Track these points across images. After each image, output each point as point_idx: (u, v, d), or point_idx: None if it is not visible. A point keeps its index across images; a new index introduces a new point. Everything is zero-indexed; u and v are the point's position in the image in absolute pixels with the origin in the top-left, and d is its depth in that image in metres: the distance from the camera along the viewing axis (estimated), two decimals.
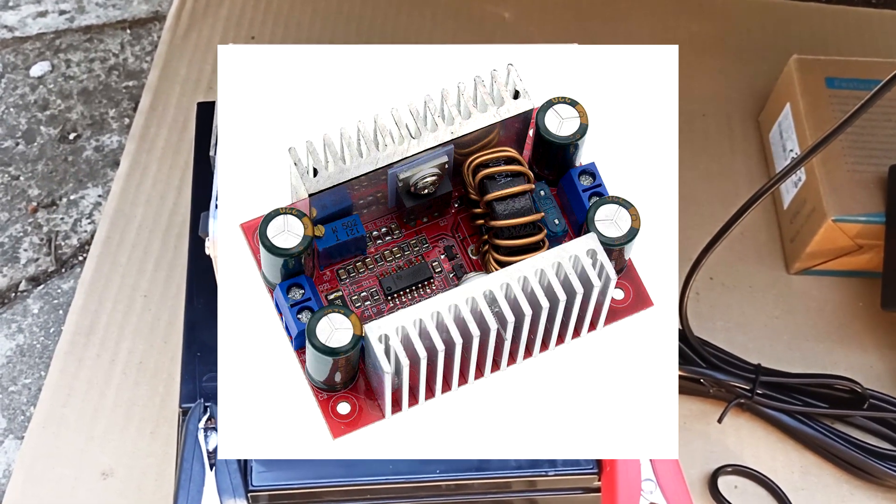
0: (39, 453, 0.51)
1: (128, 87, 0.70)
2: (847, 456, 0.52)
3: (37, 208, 0.63)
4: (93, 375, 0.54)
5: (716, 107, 0.69)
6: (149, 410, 0.53)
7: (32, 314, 0.59)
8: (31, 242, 0.62)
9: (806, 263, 0.60)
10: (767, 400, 0.53)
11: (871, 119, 0.59)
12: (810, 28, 0.74)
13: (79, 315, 0.56)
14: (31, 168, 0.65)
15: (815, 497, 0.52)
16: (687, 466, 0.52)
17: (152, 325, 0.56)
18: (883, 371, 0.57)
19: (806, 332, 0.58)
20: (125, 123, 0.68)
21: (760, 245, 0.62)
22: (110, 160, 0.66)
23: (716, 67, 0.72)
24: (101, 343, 0.55)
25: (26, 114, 0.68)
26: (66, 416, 0.52)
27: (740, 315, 0.59)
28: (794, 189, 0.61)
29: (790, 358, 0.57)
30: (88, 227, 0.63)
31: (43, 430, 0.52)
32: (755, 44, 0.73)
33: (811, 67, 0.62)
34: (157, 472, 0.51)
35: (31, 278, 0.60)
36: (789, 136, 0.62)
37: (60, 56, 0.71)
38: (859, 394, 0.52)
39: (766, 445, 0.54)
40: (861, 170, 0.57)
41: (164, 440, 0.51)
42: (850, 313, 0.59)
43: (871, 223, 0.55)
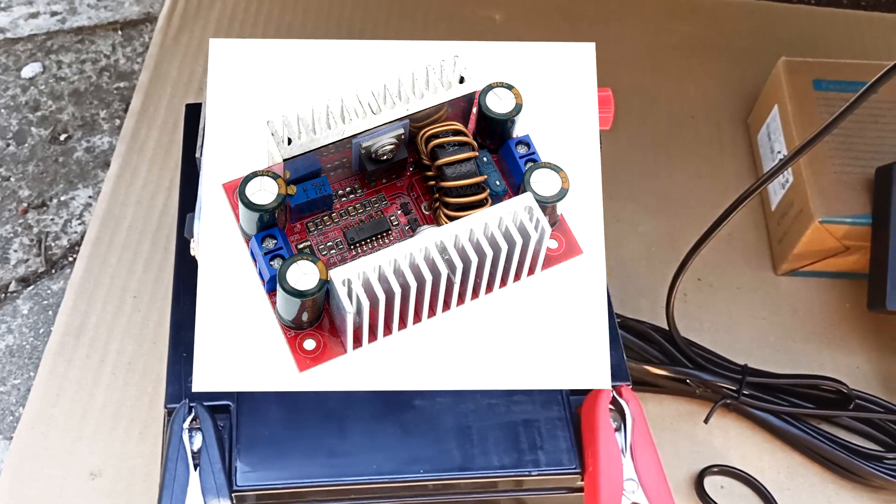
0: (28, 454, 0.51)
1: (119, 88, 0.70)
2: (833, 456, 0.52)
3: (27, 209, 0.63)
4: (82, 376, 0.54)
5: (705, 109, 0.70)
6: (137, 411, 0.53)
7: (22, 315, 0.59)
8: (21, 243, 0.62)
9: (793, 265, 0.60)
10: (754, 400, 0.53)
11: (857, 121, 0.59)
12: (799, 30, 0.75)
13: (68, 316, 0.56)
14: (21, 169, 0.65)
15: (801, 497, 0.52)
16: (673, 467, 0.52)
17: (141, 326, 0.56)
18: (869, 372, 0.57)
19: (793, 332, 0.59)
20: (116, 125, 0.68)
21: (748, 246, 0.63)
22: (101, 161, 0.66)
23: (705, 70, 0.72)
24: (91, 344, 0.55)
25: (17, 115, 0.68)
26: (55, 417, 0.53)
27: (727, 316, 0.59)
28: (781, 190, 0.61)
29: (777, 359, 0.57)
30: (78, 228, 0.63)
31: (31, 430, 0.52)
32: (744, 46, 0.73)
33: (799, 69, 0.63)
34: (145, 473, 0.51)
35: (21, 279, 0.61)
36: (777, 138, 0.62)
37: (52, 57, 0.71)
38: (845, 394, 0.52)
39: (752, 446, 0.54)
40: (848, 171, 0.58)
41: (153, 441, 0.52)
42: (837, 314, 0.60)
43: (857, 224, 0.56)
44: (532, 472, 0.40)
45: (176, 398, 0.40)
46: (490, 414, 0.41)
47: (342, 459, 0.39)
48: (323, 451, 0.39)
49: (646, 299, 0.58)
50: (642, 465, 0.38)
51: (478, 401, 0.41)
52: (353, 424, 0.40)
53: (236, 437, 0.39)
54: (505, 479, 0.40)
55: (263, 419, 0.40)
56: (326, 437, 0.40)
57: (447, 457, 0.40)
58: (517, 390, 0.41)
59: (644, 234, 0.63)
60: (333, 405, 0.41)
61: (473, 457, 0.40)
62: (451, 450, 0.40)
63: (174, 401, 0.40)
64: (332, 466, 0.39)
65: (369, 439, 0.40)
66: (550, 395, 0.41)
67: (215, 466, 0.37)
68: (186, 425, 0.38)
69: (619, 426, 0.39)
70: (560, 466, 0.40)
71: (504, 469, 0.40)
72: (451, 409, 0.41)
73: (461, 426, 0.40)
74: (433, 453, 0.40)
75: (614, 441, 0.39)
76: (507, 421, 0.41)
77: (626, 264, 0.61)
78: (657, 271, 0.60)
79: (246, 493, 0.38)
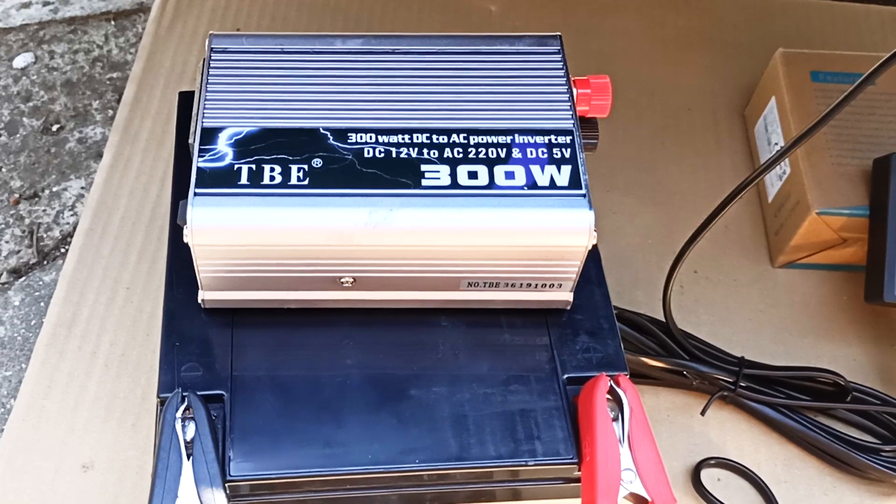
0: (19, 446, 0.51)
1: (112, 78, 0.70)
2: (830, 448, 0.52)
3: (19, 200, 0.63)
4: (74, 368, 0.54)
5: (701, 101, 0.69)
6: (130, 403, 0.53)
7: (14, 306, 0.58)
8: (12, 234, 0.62)
9: (790, 257, 0.60)
10: (751, 393, 0.52)
11: (854, 112, 0.59)
12: (796, 22, 0.74)
13: (60, 307, 0.56)
14: (13, 160, 0.65)
15: (797, 489, 0.52)
16: (670, 459, 0.52)
17: (135, 317, 0.56)
18: (866, 364, 0.57)
19: (790, 325, 0.58)
20: (109, 115, 0.67)
21: (745, 238, 0.62)
22: (93, 152, 0.65)
23: (701, 62, 0.72)
24: (83, 335, 0.55)
25: (9, 105, 0.67)
26: (47, 409, 0.52)
27: (724, 308, 0.59)
28: (778, 182, 0.61)
29: (774, 351, 0.57)
30: (71, 219, 0.62)
31: (23, 422, 0.52)
32: (741, 38, 0.73)
33: (796, 61, 0.62)
34: (137, 465, 0.50)
35: (13, 270, 0.60)
36: (774, 130, 0.62)
37: (44, 47, 0.71)
38: (842, 387, 0.52)
39: (749, 438, 0.54)
40: (845, 163, 0.57)
41: (146, 433, 0.51)
42: (834, 306, 0.59)
43: (854, 216, 0.56)
44: (529, 461, 0.39)
45: (169, 387, 0.39)
46: (486, 403, 0.40)
47: (337, 449, 0.39)
48: (318, 441, 0.39)
49: (642, 291, 0.58)
50: (640, 455, 0.38)
51: (474, 390, 0.41)
52: (348, 414, 0.40)
53: (230, 426, 0.39)
54: (501, 469, 0.40)
55: (257, 408, 0.40)
56: (321, 426, 0.39)
57: (443, 447, 0.39)
58: (514, 379, 0.41)
59: (640, 225, 0.62)
60: (328, 394, 0.40)
61: (470, 446, 0.39)
62: (448, 439, 0.39)
63: (167, 390, 0.39)
64: (327, 456, 0.39)
65: (365, 429, 0.39)
66: (547, 385, 0.41)
67: (209, 456, 0.37)
68: (179, 415, 0.38)
69: (617, 416, 0.39)
70: (557, 456, 0.39)
71: (500, 459, 0.39)
72: (447, 399, 0.40)
73: (457, 416, 0.40)
74: (429, 443, 0.39)
75: (612, 430, 0.38)
76: (503, 410, 0.40)
77: (623, 256, 0.61)
78: (653, 263, 0.60)
79: (240, 482, 0.38)
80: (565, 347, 0.42)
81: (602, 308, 0.44)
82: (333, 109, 0.41)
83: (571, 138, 0.40)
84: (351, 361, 0.41)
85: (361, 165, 0.39)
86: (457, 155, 0.40)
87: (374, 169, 0.39)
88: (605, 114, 0.43)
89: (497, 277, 0.41)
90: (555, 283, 0.41)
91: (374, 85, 0.42)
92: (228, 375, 0.40)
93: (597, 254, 0.45)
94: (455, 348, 0.42)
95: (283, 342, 0.42)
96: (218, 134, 0.40)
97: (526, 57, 0.43)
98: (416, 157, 0.39)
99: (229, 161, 0.39)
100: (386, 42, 0.43)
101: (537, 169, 0.39)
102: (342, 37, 0.44)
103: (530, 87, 0.42)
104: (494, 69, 0.43)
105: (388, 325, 0.42)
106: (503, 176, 0.39)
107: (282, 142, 0.40)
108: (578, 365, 0.42)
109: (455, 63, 0.43)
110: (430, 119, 0.41)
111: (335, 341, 0.42)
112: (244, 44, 0.43)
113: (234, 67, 0.42)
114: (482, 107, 0.41)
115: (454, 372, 0.41)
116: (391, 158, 0.39)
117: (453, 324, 0.43)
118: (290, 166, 0.39)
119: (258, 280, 0.40)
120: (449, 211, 0.38)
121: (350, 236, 0.38)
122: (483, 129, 0.41)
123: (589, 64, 0.60)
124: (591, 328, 0.43)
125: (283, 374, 0.41)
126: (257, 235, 0.38)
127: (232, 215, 0.38)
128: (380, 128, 0.40)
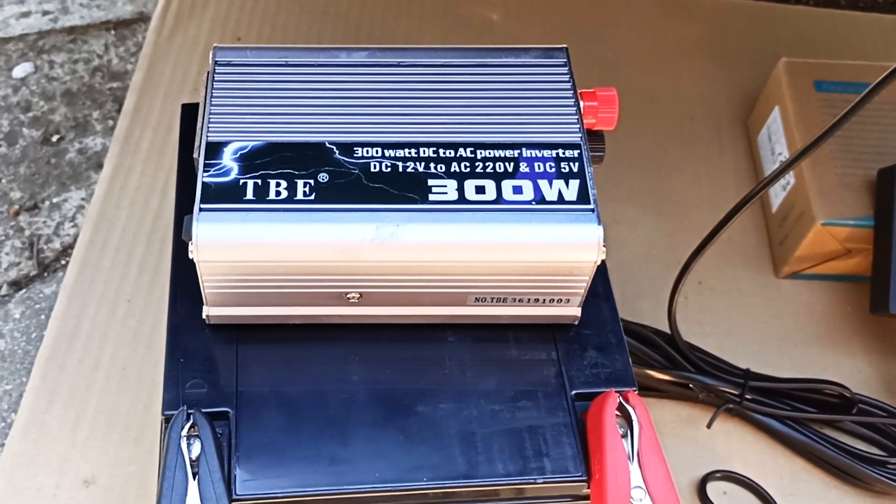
0: (20, 461, 0.50)
1: (112, 88, 0.69)
2: (836, 461, 0.52)
3: (19, 211, 0.62)
4: (75, 381, 0.53)
5: (704, 110, 0.69)
6: (132, 417, 0.52)
7: (14, 319, 0.58)
8: (12, 246, 0.61)
9: (795, 267, 0.60)
10: (756, 405, 0.52)
11: (859, 122, 0.58)
12: (799, 31, 0.74)
13: (61, 320, 0.55)
14: (13, 171, 0.64)
15: (803, 502, 0.52)
16: (676, 472, 0.52)
17: (136, 330, 0.55)
18: (872, 376, 0.57)
19: (795, 336, 0.58)
20: (109, 125, 0.67)
21: (749, 249, 0.62)
22: (94, 163, 0.65)
23: (704, 70, 0.72)
24: (84, 348, 0.54)
25: (8, 115, 0.67)
26: (48, 423, 0.52)
27: (729, 319, 0.59)
28: (782, 193, 0.60)
29: (779, 363, 0.57)
30: (71, 231, 0.62)
31: (24, 436, 0.51)
32: (744, 47, 0.73)
33: (800, 70, 0.62)
34: (139, 480, 0.50)
35: (13, 282, 0.60)
36: (778, 140, 0.62)
37: (44, 57, 0.70)
38: (848, 399, 0.52)
39: (755, 451, 0.53)
40: (850, 173, 0.57)
41: (148, 448, 0.51)
42: (839, 318, 0.59)
43: (859, 227, 0.55)
44: (537, 479, 0.39)
45: (173, 405, 0.39)
46: (494, 420, 0.40)
47: (343, 467, 0.38)
48: (324, 459, 0.39)
49: (646, 301, 0.58)
50: (650, 472, 0.38)
51: (481, 406, 0.40)
52: (354, 431, 0.39)
53: (236, 444, 0.38)
54: (510, 487, 0.39)
55: (263, 426, 0.39)
56: (327, 444, 0.39)
57: (451, 464, 0.39)
58: (522, 395, 0.41)
59: (643, 235, 0.62)
60: (334, 411, 0.40)
61: (478, 464, 0.39)
62: (455, 457, 0.39)
63: (172, 407, 0.39)
64: (334, 474, 0.38)
65: (371, 446, 0.39)
66: (555, 401, 0.41)
67: (214, 475, 0.36)
68: (184, 433, 0.37)
69: (626, 432, 0.39)
70: (566, 474, 0.39)
71: (509, 476, 0.39)
72: (454, 415, 0.40)
73: (465, 432, 0.40)
74: (437, 460, 0.39)
75: (621, 447, 0.38)
76: (511, 427, 0.40)
77: (626, 266, 0.60)
78: (657, 273, 0.59)
79: (246, 501, 0.37)
80: (573, 363, 0.42)
81: (610, 323, 0.43)
82: (339, 123, 0.40)
83: (579, 152, 0.40)
84: (357, 378, 0.41)
85: (368, 180, 0.39)
86: (464, 169, 0.39)
87: (381, 183, 0.39)
88: (611, 126, 0.43)
89: (505, 293, 0.40)
90: (563, 298, 0.41)
91: (379, 98, 0.41)
92: (233, 392, 0.40)
93: (604, 268, 0.45)
94: (462, 364, 0.42)
95: (288, 358, 0.41)
96: (223, 148, 0.39)
97: (532, 69, 0.43)
98: (422, 171, 0.39)
99: (235, 176, 0.38)
100: (391, 55, 0.43)
101: (545, 183, 0.39)
102: (347, 49, 0.43)
103: (537, 101, 0.42)
104: (501, 82, 0.42)
105: (395, 340, 0.42)
106: (511, 190, 0.39)
107: (287, 156, 0.39)
108: (587, 381, 0.41)
109: (461, 76, 0.43)
110: (436, 133, 0.40)
111: (341, 357, 0.41)
112: (248, 56, 0.43)
113: (238, 81, 0.42)
114: (489, 120, 0.41)
115: (461, 388, 0.41)
116: (398, 173, 0.39)
117: (460, 339, 0.42)
118: (296, 181, 0.38)
119: (264, 296, 0.40)
120: (456, 226, 0.38)
121: (357, 252, 0.38)
122: (490, 143, 0.40)
123: (591, 72, 0.59)
124: (599, 343, 0.42)
125: (288, 390, 0.40)
126: (263, 251, 0.38)
127: (238, 231, 0.37)
128: (386, 142, 0.40)
